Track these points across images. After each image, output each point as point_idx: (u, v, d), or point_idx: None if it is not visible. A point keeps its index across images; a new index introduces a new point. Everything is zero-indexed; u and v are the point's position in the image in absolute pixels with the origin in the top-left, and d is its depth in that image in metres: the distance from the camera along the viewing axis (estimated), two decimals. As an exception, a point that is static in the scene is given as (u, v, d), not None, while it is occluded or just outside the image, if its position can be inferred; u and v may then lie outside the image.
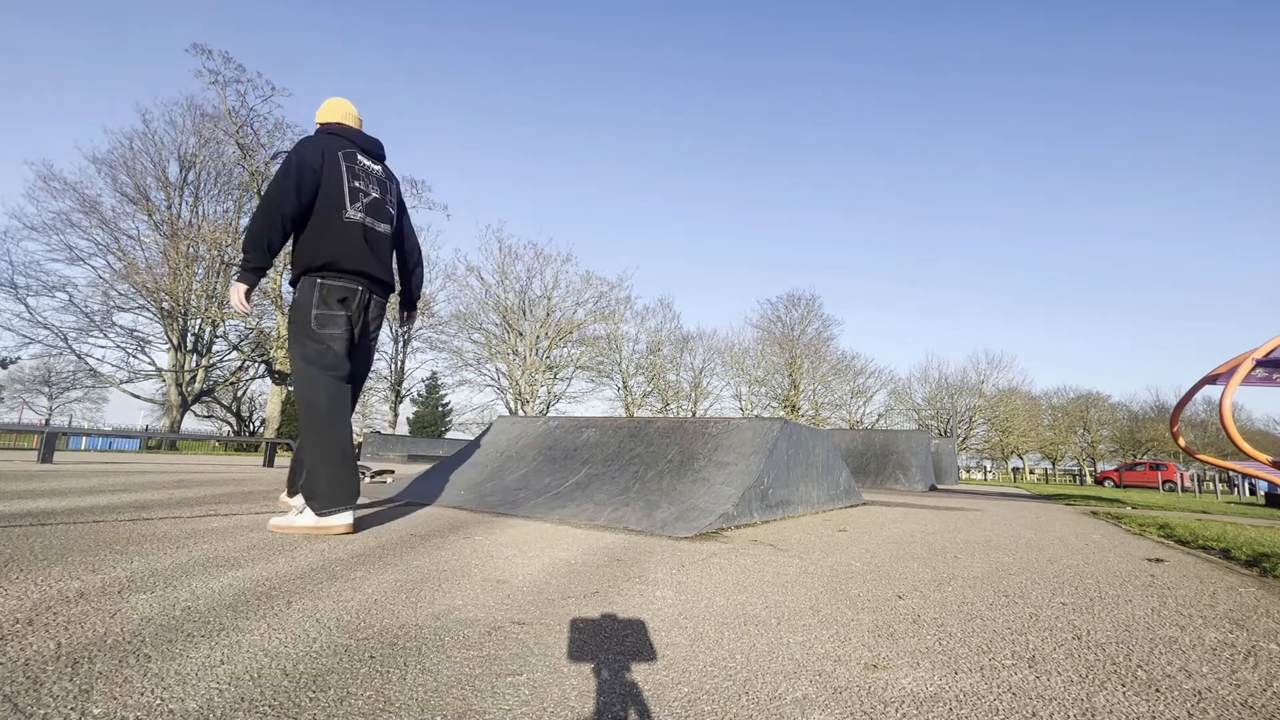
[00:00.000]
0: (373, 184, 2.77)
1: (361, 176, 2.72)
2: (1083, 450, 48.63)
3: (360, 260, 2.64)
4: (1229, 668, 1.29)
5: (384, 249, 2.80)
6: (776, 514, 3.88)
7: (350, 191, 2.65)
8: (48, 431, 6.64)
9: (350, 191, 2.65)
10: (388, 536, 2.47)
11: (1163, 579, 2.35)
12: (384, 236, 2.79)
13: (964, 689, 1.11)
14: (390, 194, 2.88)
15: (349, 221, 2.63)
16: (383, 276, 2.76)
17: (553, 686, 1.04)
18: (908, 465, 11.52)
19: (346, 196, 2.63)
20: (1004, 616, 1.65)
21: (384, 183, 2.86)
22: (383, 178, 2.86)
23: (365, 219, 2.69)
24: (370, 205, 2.72)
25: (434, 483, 4.43)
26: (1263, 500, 14.06)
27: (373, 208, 2.73)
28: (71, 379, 28.19)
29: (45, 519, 2.43)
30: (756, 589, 1.86)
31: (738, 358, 38.82)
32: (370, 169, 2.79)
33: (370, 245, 2.69)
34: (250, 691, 0.95)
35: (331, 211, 2.60)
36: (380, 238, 2.76)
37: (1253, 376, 3.99)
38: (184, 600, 1.41)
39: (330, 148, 2.67)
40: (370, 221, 2.71)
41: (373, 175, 2.79)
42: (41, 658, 1.03)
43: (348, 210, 2.63)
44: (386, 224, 2.82)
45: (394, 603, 1.50)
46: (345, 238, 2.61)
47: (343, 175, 2.64)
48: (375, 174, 2.81)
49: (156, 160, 22.83)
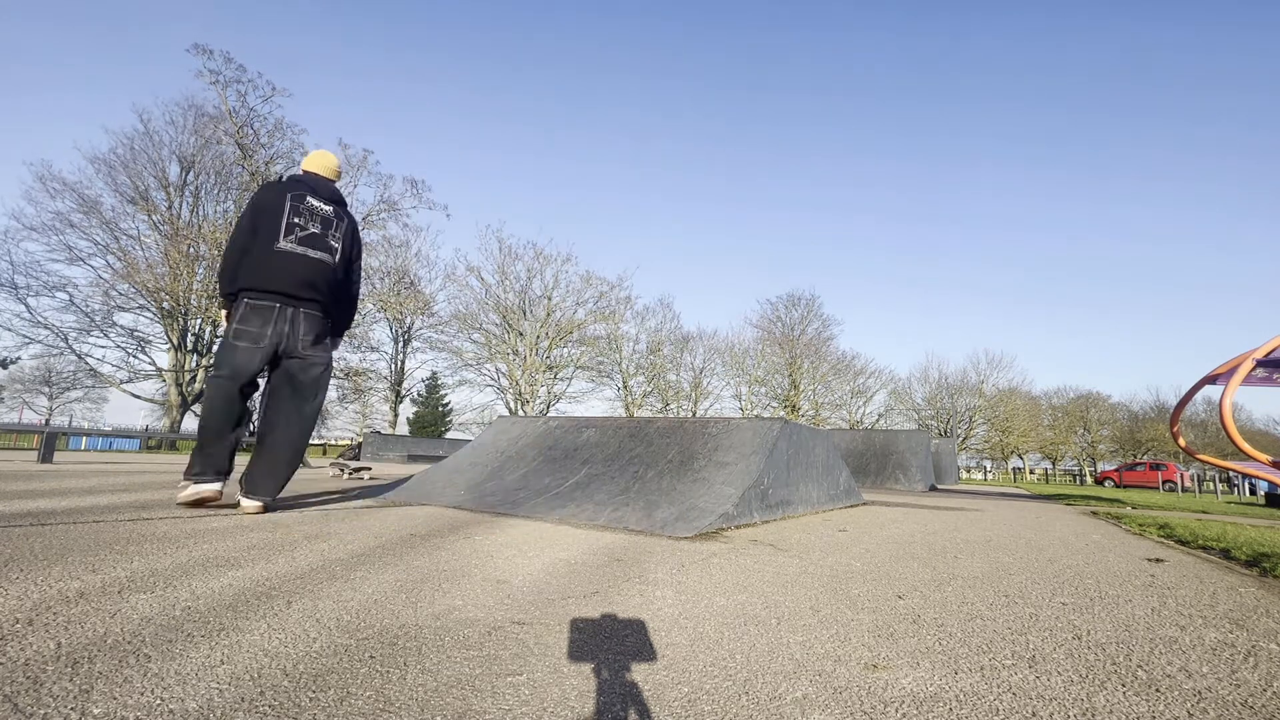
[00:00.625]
0: (315, 221, 3.16)
1: (305, 214, 3.13)
2: (1083, 450, 48.63)
3: (283, 283, 3.01)
4: (1229, 668, 1.29)
5: (319, 274, 3.15)
6: (776, 514, 3.88)
7: (287, 225, 3.06)
8: (48, 431, 6.65)
9: (287, 225, 3.06)
10: (388, 536, 2.47)
11: (1163, 579, 2.35)
12: (320, 264, 3.15)
13: (964, 689, 1.11)
14: (337, 231, 3.26)
15: (279, 250, 3.01)
16: (310, 295, 3.10)
17: (553, 686, 1.04)
18: (908, 465, 11.52)
19: (283, 230, 3.04)
20: (1004, 616, 1.65)
21: (330, 220, 3.23)
22: (331, 216, 3.23)
23: (298, 248, 3.06)
24: (307, 238, 3.11)
25: (434, 483, 4.43)
26: (1263, 500, 14.06)
27: (309, 240, 3.12)
28: (71, 379, 28.15)
29: (45, 519, 2.43)
30: (756, 589, 1.86)
31: (738, 358, 38.85)
32: (317, 208, 3.18)
33: (300, 270, 3.06)
34: (250, 691, 0.95)
35: (267, 242, 3.01)
36: (315, 264, 3.13)
37: (1253, 376, 3.99)
38: (184, 600, 1.41)
39: (283, 191, 3.13)
40: (303, 250, 3.09)
41: (317, 213, 3.18)
42: (41, 658, 1.03)
43: (280, 241, 3.02)
44: (326, 254, 3.18)
45: (394, 603, 1.50)
46: (273, 264, 2.99)
47: (284, 212, 3.06)
48: (322, 212, 3.20)
49: (157, 160, 22.84)
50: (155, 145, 22.77)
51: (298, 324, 3.06)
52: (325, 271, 3.16)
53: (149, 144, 22.63)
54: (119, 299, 22.14)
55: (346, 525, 2.72)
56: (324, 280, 3.16)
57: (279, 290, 3.00)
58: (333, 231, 3.21)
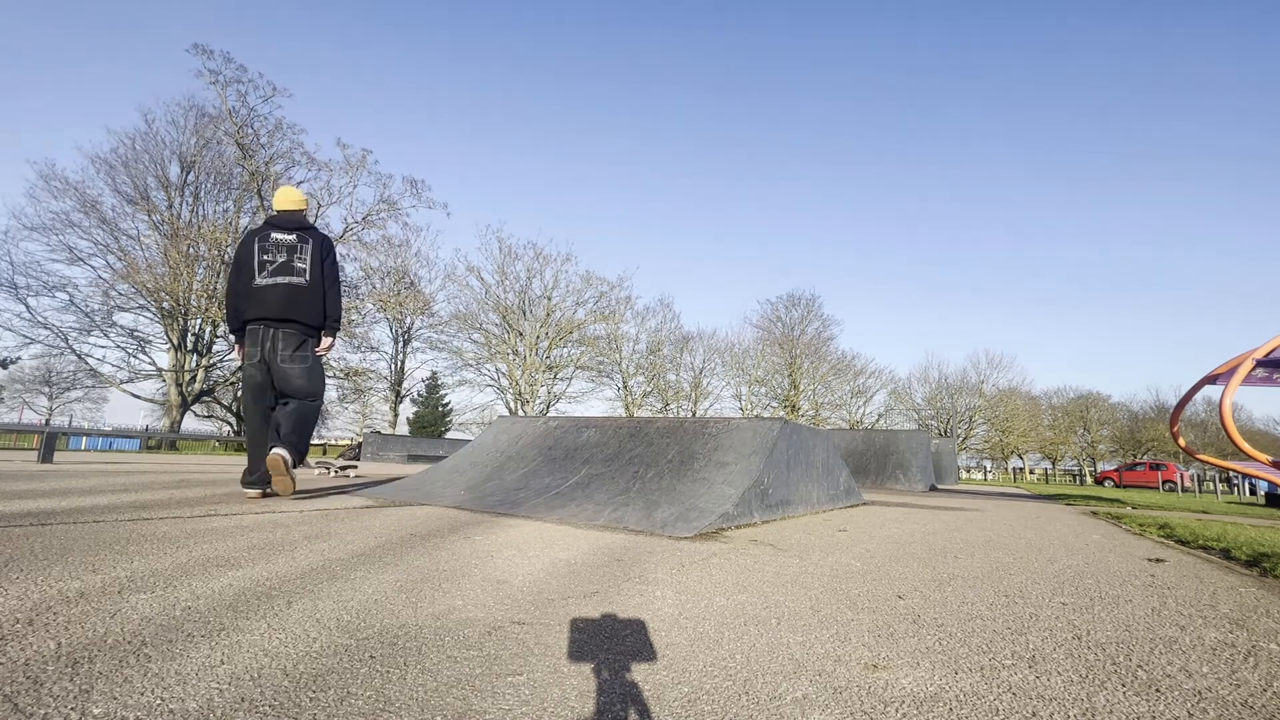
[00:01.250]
0: (280, 251, 3.77)
1: (270, 249, 3.76)
2: (1083, 450, 48.62)
3: (264, 310, 3.70)
4: (1229, 668, 1.29)
5: (292, 296, 3.75)
6: (776, 514, 3.88)
7: (259, 264, 3.73)
8: (48, 431, 6.65)
9: (259, 264, 3.73)
10: (388, 536, 2.47)
11: (1163, 579, 2.35)
12: (292, 286, 3.75)
13: (964, 689, 1.11)
14: (302, 253, 3.82)
15: (256, 286, 3.71)
16: (286, 316, 3.73)
17: (553, 686, 1.04)
18: (908, 465, 11.52)
19: (256, 269, 3.72)
20: (1004, 616, 1.65)
21: (295, 246, 3.81)
22: (294, 243, 3.81)
23: (271, 279, 3.73)
24: (276, 269, 3.75)
25: (434, 483, 4.43)
26: (1263, 500, 14.06)
27: (279, 269, 3.75)
28: (71, 379, 28.14)
29: (45, 519, 2.43)
30: (756, 589, 1.86)
31: (738, 358, 38.86)
32: (280, 240, 3.79)
33: (276, 297, 3.71)
34: (250, 691, 0.95)
35: (247, 283, 3.73)
36: (288, 288, 3.74)
37: (1253, 376, 3.98)
38: (184, 600, 1.41)
39: (251, 237, 3.80)
40: (276, 279, 3.74)
41: (282, 245, 3.79)
42: (41, 658, 1.03)
43: (256, 279, 3.72)
44: (296, 276, 3.78)
45: (394, 603, 1.50)
46: (254, 298, 3.71)
47: (254, 254, 3.74)
48: (284, 242, 3.80)
49: (158, 160, 22.84)
50: (157, 145, 22.80)
51: (277, 341, 3.72)
52: (297, 291, 3.77)
53: (150, 144, 22.66)
54: (119, 299, 22.16)
55: (346, 525, 2.72)
56: (298, 299, 3.77)
57: (261, 317, 3.71)
58: (298, 255, 3.81)
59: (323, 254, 3.91)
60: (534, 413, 30.87)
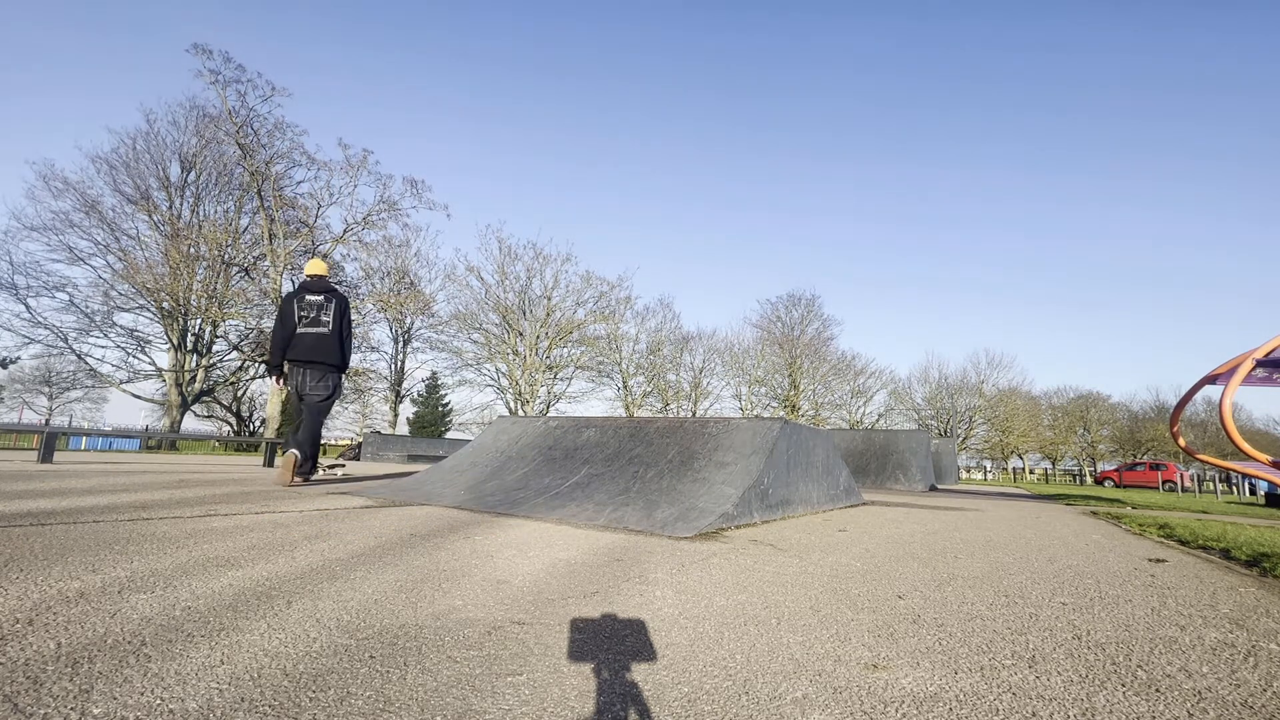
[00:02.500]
0: (311, 309, 5.14)
1: (306, 307, 5.13)
2: (1083, 450, 48.60)
3: (301, 353, 5.08)
4: (1229, 668, 1.29)
5: (322, 342, 5.13)
6: (776, 514, 3.88)
7: (299, 318, 5.11)
8: (48, 431, 6.64)
9: (299, 318, 5.11)
10: (388, 536, 2.47)
11: (1163, 579, 2.35)
12: (320, 335, 5.13)
13: (964, 689, 1.11)
14: (326, 311, 5.16)
15: (298, 333, 5.10)
16: (314, 358, 5.09)
17: (553, 686, 1.04)
18: (908, 465, 11.52)
19: (296, 321, 5.10)
20: (1004, 616, 1.65)
21: (321, 304, 5.16)
22: (321, 302, 5.16)
23: (307, 330, 5.11)
24: (310, 320, 5.13)
25: (434, 483, 4.43)
26: (1263, 500, 14.06)
27: (311, 322, 5.13)
28: (71, 379, 28.10)
29: (45, 519, 2.43)
30: (756, 589, 1.86)
31: (738, 358, 38.85)
32: (311, 300, 5.14)
33: (309, 343, 5.10)
34: (250, 691, 0.95)
35: (290, 330, 5.09)
36: (317, 337, 5.12)
37: (1253, 376, 3.98)
38: (184, 600, 1.41)
39: (290, 296, 5.18)
40: (309, 329, 5.11)
41: (312, 304, 5.15)
42: (41, 658, 1.03)
43: (298, 328, 5.10)
44: (321, 327, 5.14)
45: (394, 603, 1.50)
46: (295, 343, 5.08)
47: (295, 311, 5.11)
48: (314, 302, 5.15)
49: (158, 160, 22.83)
50: (158, 145, 22.79)
51: (306, 376, 5.11)
52: (324, 338, 5.14)
53: (152, 143, 22.65)
54: (119, 299, 22.15)
55: (346, 525, 2.72)
56: (324, 344, 5.14)
57: (296, 359, 5.07)
58: (323, 312, 5.16)
59: (342, 311, 5.26)
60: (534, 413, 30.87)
